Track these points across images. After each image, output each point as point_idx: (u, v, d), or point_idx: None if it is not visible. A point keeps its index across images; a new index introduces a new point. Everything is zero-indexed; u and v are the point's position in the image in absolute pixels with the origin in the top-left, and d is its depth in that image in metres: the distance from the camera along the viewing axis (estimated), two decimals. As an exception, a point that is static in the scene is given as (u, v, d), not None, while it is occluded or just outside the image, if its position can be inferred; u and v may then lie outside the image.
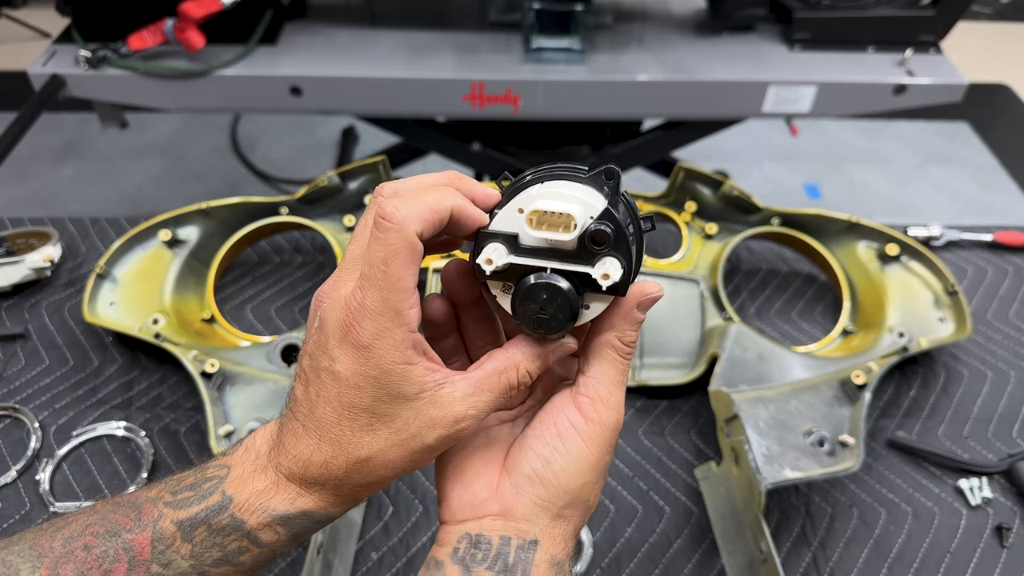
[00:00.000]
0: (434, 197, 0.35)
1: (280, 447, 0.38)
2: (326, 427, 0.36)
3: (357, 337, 0.34)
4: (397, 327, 0.34)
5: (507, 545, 0.38)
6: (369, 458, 0.36)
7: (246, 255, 0.92)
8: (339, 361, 0.35)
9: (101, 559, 0.37)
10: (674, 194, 0.89)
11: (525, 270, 0.36)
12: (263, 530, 0.38)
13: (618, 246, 0.35)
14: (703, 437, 0.76)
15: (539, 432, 0.39)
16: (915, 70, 1.28)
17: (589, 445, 0.38)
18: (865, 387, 0.72)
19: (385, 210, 0.33)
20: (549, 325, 0.37)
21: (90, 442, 0.73)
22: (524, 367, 0.38)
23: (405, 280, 0.34)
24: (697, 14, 1.46)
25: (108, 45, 1.22)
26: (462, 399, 0.36)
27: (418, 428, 0.36)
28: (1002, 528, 0.68)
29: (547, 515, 0.39)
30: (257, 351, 0.76)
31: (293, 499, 0.38)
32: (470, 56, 1.31)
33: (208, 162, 2.49)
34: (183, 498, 0.38)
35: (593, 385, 0.39)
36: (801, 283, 0.91)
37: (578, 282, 0.36)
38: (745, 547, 0.65)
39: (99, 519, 0.38)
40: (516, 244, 0.36)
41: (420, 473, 0.72)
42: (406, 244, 0.33)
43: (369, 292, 0.34)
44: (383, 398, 0.35)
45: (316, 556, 0.60)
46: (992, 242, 0.95)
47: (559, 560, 0.39)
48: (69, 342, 0.82)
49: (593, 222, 0.35)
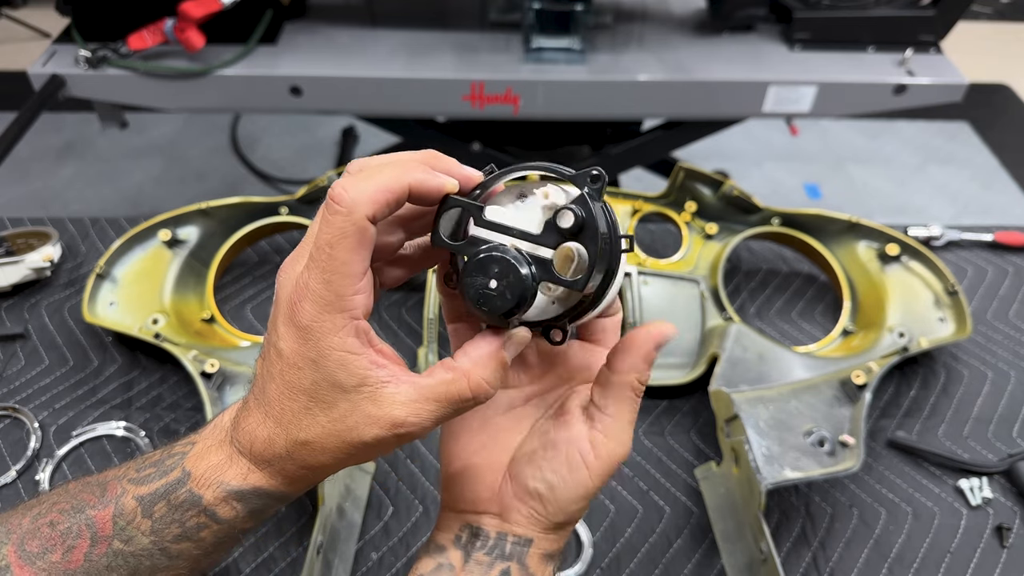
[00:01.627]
0: (390, 175, 0.33)
1: (236, 421, 0.38)
2: (271, 404, 0.36)
3: (299, 317, 0.34)
4: (337, 312, 0.33)
5: (503, 540, 0.40)
6: (308, 441, 0.35)
7: (246, 255, 0.92)
8: (283, 339, 0.35)
9: (65, 535, 0.37)
10: (674, 194, 0.89)
11: (483, 243, 0.35)
12: (220, 505, 0.37)
13: (585, 235, 0.33)
14: (703, 437, 0.76)
15: (550, 456, 0.40)
16: (915, 70, 1.28)
17: (593, 479, 0.40)
18: (865, 387, 0.72)
19: (335, 191, 0.33)
20: (494, 303, 0.34)
21: (90, 442, 0.73)
22: (476, 376, 0.36)
23: (351, 264, 0.33)
24: (697, 14, 1.46)
25: (108, 45, 1.22)
26: (404, 404, 0.34)
27: (355, 422, 0.34)
28: (1002, 528, 0.68)
29: (542, 527, 0.40)
30: (257, 351, 0.75)
31: (245, 474, 0.37)
32: (470, 56, 1.31)
33: (208, 162, 2.49)
34: (146, 475, 0.38)
35: (608, 423, 0.40)
36: (801, 283, 0.91)
37: (537, 268, 0.34)
38: (745, 547, 0.65)
39: (67, 496, 0.39)
40: (481, 216, 0.35)
41: (420, 473, 0.72)
42: (354, 228, 0.32)
43: (313, 274, 0.33)
44: (321, 383, 0.34)
45: (316, 556, 0.60)
46: (992, 242, 0.95)
47: (551, 552, 0.41)
48: (69, 342, 0.82)
49: (565, 204, 0.33)
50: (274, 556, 0.66)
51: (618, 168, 1.58)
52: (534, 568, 0.40)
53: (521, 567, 0.39)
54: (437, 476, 0.72)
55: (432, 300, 0.80)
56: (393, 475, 0.72)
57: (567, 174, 0.35)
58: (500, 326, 0.37)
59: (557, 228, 0.33)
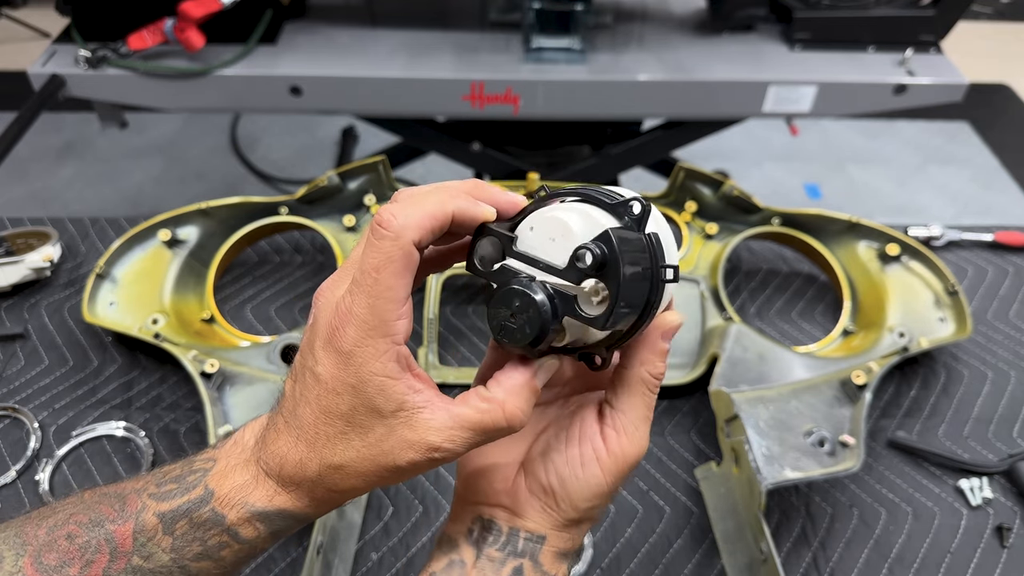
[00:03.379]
0: (435, 202, 0.34)
1: (263, 442, 0.38)
2: (304, 427, 0.36)
3: (340, 342, 0.34)
4: (381, 337, 0.33)
5: (516, 535, 0.39)
6: (341, 465, 0.35)
7: (246, 255, 0.92)
8: (321, 363, 0.35)
9: (83, 549, 0.36)
10: (674, 194, 0.89)
11: (514, 273, 0.35)
12: (243, 526, 0.37)
13: (607, 275, 0.33)
14: (703, 437, 0.76)
15: (562, 451, 0.40)
16: (915, 70, 1.28)
17: (606, 476, 0.39)
18: (865, 387, 0.72)
19: (383, 216, 0.33)
20: (513, 336, 0.34)
21: (90, 442, 0.73)
22: (511, 406, 0.36)
23: (396, 290, 0.33)
24: (697, 14, 1.46)
25: (108, 45, 1.22)
26: (439, 430, 0.35)
27: (391, 446, 0.35)
28: (1002, 528, 0.68)
29: (554, 523, 0.40)
30: (257, 351, 0.75)
31: (271, 496, 0.37)
32: (470, 56, 1.31)
33: (208, 162, 2.49)
34: (167, 490, 0.38)
35: (621, 419, 0.40)
36: (801, 283, 0.91)
37: (560, 303, 0.34)
38: (745, 547, 0.65)
39: (84, 508, 0.38)
40: (512, 247, 0.35)
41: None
42: (401, 253, 0.33)
43: (358, 298, 0.33)
44: (359, 408, 0.34)
45: (316, 556, 0.60)
46: (992, 242, 0.95)
47: (564, 551, 0.40)
48: (69, 342, 0.82)
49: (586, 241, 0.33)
50: (274, 556, 0.66)
51: (618, 168, 1.57)
52: (547, 565, 0.39)
53: (534, 564, 0.39)
54: (437, 476, 0.72)
55: (432, 300, 0.80)
56: (393, 475, 0.72)
57: (608, 203, 0.35)
58: (528, 355, 0.37)
59: (577, 265, 0.33)
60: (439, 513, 0.70)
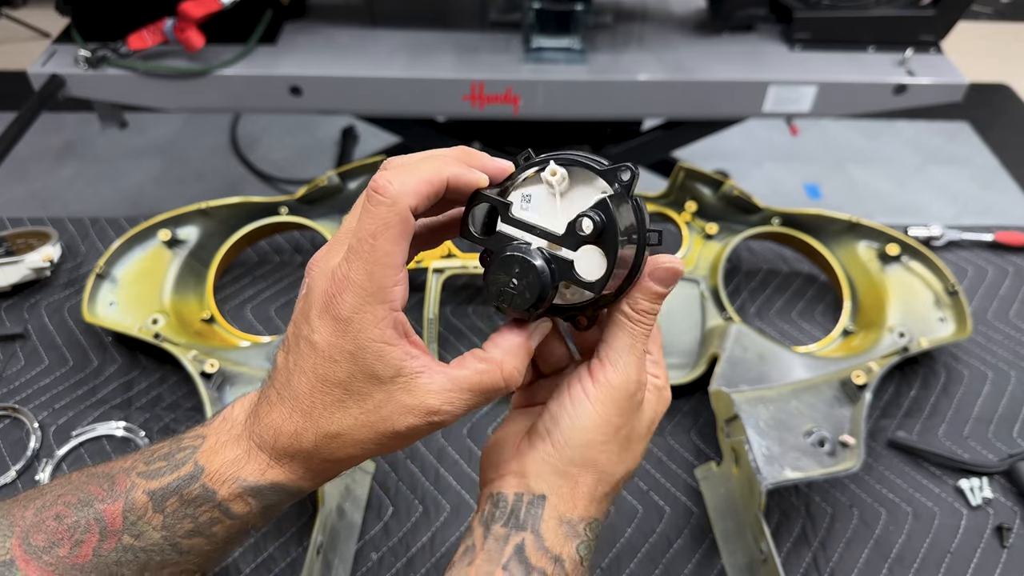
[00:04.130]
0: (430, 168, 0.34)
1: (255, 416, 0.38)
2: (300, 398, 0.36)
3: (337, 309, 0.34)
4: (379, 303, 0.33)
5: (520, 501, 0.39)
6: (338, 434, 0.35)
7: (246, 255, 0.92)
8: (317, 332, 0.35)
9: (72, 529, 0.36)
10: (674, 194, 0.89)
11: (509, 240, 0.36)
12: (234, 501, 0.37)
13: (605, 239, 0.34)
14: (703, 437, 0.76)
15: (555, 396, 0.40)
16: (915, 70, 1.28)
17: (595, 405, 0.39)
18: (865, 387, 0.72)
19: (378, 183, 0.33)
20: (513, 301, 0.35)
21: (90, 442, 0.73)
22: (508, 365, 0.37)
23: (393, 255, 0.33)
24: (697, 14, 1.46)
25: (108, 45, 1.22)
26: (438, 393, 0.35)
27: (389, 412, 0.35)
28: (1002, 528, 0.68)
29: (552, 471, 0.39)
30: (257, 351, 0.75)
31: (264, 470, 0.37)
32: (470, 56, 1.31)
33: (208, 162, 2.49)
34: (156, 468, 0.38)
35: (603, 349, 0.40)
36: (801, 283, 0.91)
37: (557, 268, 0.35)
38: (745, 547, 0.65)
39: (72, 489, 0.38)
40: (508, 213, 0.36)
41: (420, 473, 0.72)
42: (398, 219, 0.33)
43: (355, 265, 0.33)
44: (357, 375, 0.34)
45: (316, 556, 0.60)
46: (992, 242, 0.95)
47: (570, 519, 0.39)
48: (69, 342, 0.82)
49: (583, 212, 0.34)
50: (274, 556, 0.66)
51: (618, 168, 1.58)
52: (549, 539, 0.38)
53: (536, 537, 0.38)
54: (437, 476, 0.72)
55: (432, 300, 0.80)
56: (393, 475, 0.72)
57: (599, 169, 0.35)
58: (524, 318, 0.38)
59: (577, 231, 0.34)
60: (439, 513, 0.70)
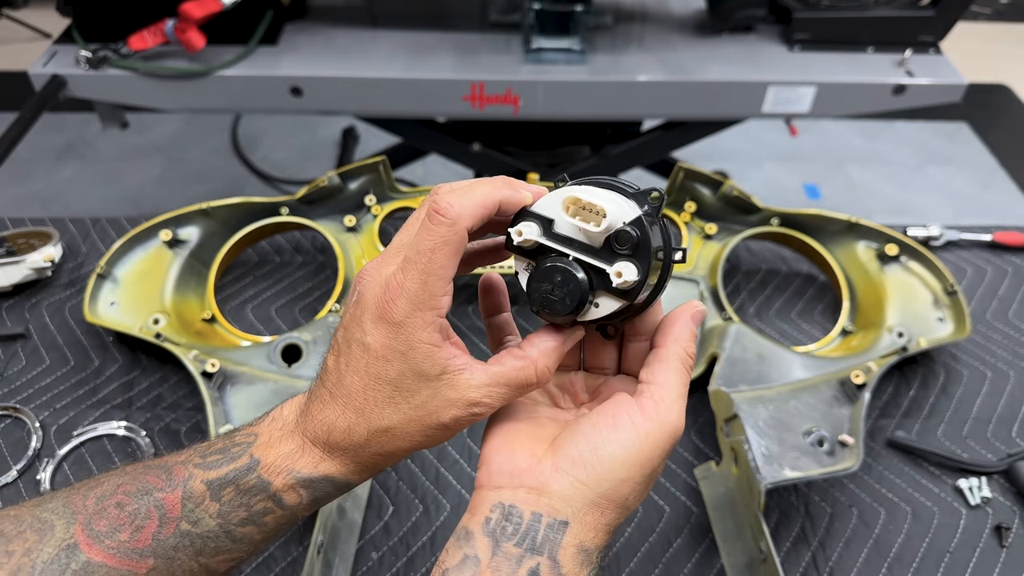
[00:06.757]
0: (484, 191, 0.38)
1: (307, 414, 0.41)
2: (352, 395, 0.39)
3: (391, 314, 0.37)
4: (429, 309, 0.37)
5: (538, 522, 0.37)
6: (389, 428, 0.39)
7: (246, 255, 0.92)
8: (370, 334, 0.38)
9: (133, 516, 0.39)
10: (674, 194, 0.89)
11: (550, 252, 0.39)
12: (287, 492, 0.41)
13: (639, 253, 0.37)
14: (703, 437, 0.76)
15: (594, 421, 0.40)
16: (915, 70, 1.28)
17: (642, 440, 0.38)
18: (864, 387, 0.72)
19: (440, 204, 0.36)
20: (554, 307, 0.39)
21: (91, 442, 0.74)
22: (541, 363, 0.40)
23: (446, 269, 0.37)
24: (697, 14, 1.46)
25: (109, 45, 1.22)
26: (478, 387, 0.38)
27: (435, 406, 0.38)
28: (1001, 528, 0.69)
29: (582, 499, 0.38)
30: (258, 351, 0.76)
31: (317, 463, 0.40)
32: (470, 56, 1.31)
33: (209, 162, 2.49)
34: (212, 460, 0.41)
35: (659, 391, 0.40)
36: (801, 283, 0.91)
37: (594, 277, 0.39)
38: (745, 547, 0.65)
39: (130, 479, 0.41)
40: (550, 228, 0.39)
41: (420, 473, 0.72)
42: (456, 237, 0.36)
43: (410, 275, 0.37)
44: (407, 373, 0.38)
45: (316, 555, 0.60)
46: (991, 242, 0.95)
47: (588, 548, 0.38)
48: (70, 342, 0.82)
49: (623, 225, 0.37)
50: (274, 556, 0.66)
51: (618, 168, 1.58)
52: (567, 567, 0.37)
53: (552, 563, 0.36)
54: (437, 476, 0.72)
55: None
56: (393, 475, 0.72)
57: (631, 192, 0.39)
58: (560, 324, 0.42)
59: (614, 242, 0.38)
60: (439, 513, 0.70)
